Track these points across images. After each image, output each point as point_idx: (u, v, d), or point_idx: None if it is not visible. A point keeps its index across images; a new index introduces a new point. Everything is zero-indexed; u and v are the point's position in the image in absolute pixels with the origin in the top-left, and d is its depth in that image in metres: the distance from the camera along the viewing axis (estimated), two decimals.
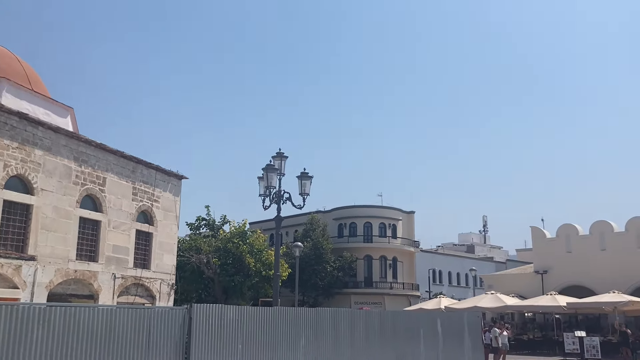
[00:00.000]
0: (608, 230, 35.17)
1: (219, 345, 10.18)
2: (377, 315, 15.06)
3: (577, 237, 36.46)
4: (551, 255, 37.09)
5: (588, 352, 24.99)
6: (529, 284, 37.45)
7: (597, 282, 33.16)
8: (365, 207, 52.38)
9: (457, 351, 18.81)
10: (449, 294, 48.12)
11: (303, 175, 17.01)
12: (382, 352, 14.33)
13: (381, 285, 50.31)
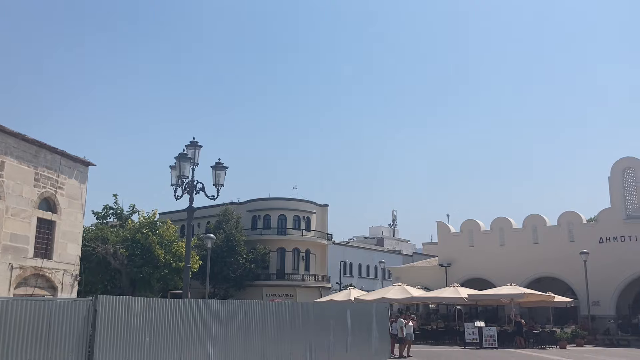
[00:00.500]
0: (507, 226, 37.37)
1: (125, 339, 9.86)
2: (288, 307, 15.16)
3: (479, 233, 38.46)
4: (455, 249, 38.91)
5: (486, 341, 26.47)
6: (433, 276, 39.10)
7: (496, 275, 35.18)
8: (280, 200, 52.45)
9: (365, 341, 19.34)
10: (359, 285, 49.27)
11: (217, 165, 16.75)
12: (293, 343, 14.47)
13: (293, 278, 50.62)
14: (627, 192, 33.21)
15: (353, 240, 73.13)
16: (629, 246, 32.21)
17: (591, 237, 33.45)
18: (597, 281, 31.59)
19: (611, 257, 32.33)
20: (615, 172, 33.67)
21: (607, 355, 22.90)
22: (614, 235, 32.89)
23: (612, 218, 33.27)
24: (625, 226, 32.60)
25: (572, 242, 34.02)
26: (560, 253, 34.06)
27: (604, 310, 32.06)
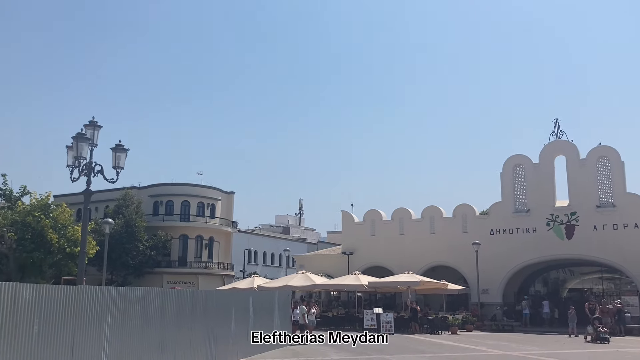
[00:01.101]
0: (407, 217, 38.81)
1: (11, 327, 9.25)
2: (189, 294, 14.90)
3: (381, 222, 39.68)
4: (358, 238, 39.91)
5: (384, 327, 27.44)
6: (337, 264, 39.89)
7: (395, 264, 36.48)
8: (184, 185, 51.26)
9: (267, 328, 19.41)
10: (263, 273, 49.34)
11: (118, 147, 16.07)
12: (193, 330, 14.25)
13: (196, 265, 49.79)
14: (516, 188, 35.52)
15: (259, 229, 73.05)
16: (517, 238, 34.52)
17: (483, 229, 35.50)
18: (487, 270, 33.63)
19: (500, 248, 34.51)
20: (507, 169, 35.89)
21: (493, 340, 24.48)
22: (504, 228, 35.11)
23: (502, 211, 35.47)
24: (513, 219, 34.89)
25: (465, 233, 35.93)
26: (455, 243, 35.89)
27: (493, 297, 34.20)
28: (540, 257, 34.05)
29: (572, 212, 33.08)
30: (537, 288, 41.89)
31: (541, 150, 35.01)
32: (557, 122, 35.14)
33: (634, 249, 29.82)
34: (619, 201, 32.07)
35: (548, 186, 34.40)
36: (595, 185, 32.97)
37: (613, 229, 31.90)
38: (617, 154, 32.91)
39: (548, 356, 18.12)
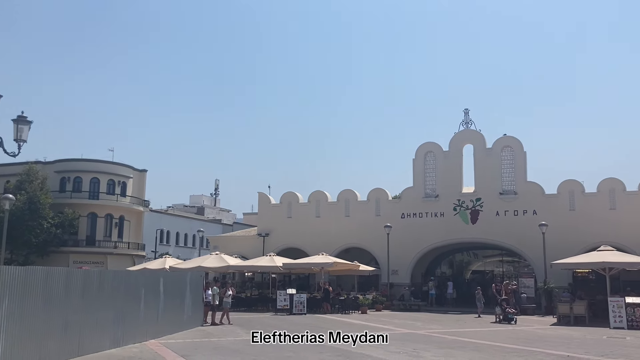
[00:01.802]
0: (323, 199, 39.35)
1: None
2: (96, 274, 14.42)
3: (298, 204, 39.99)
4: (274, 219, 40.03)
5: (296, 307, 27.80)
6: (251, 245, 39.88)
7: (310, 245, 36.96)
8: (94, 162, 49.16)
9: (178, 309, 19.19)
10: (175, 254, 48.45)
11: (20, 119, 15.08)
12: (100, 310, 13.83)
13: (105, 245, 48.11)
14: (427, 174, 36.87)
15: (172, 208, 71.45)
16: (426, 222, 35.93)
17: (395, 213, 36.66)
18: (397, 252, 34.84)
19: (410, 231, 35.79)
20: (419, 156, 37.15)
21: (400, 319, 25.49)
22: (414, 212, 36.42)
23: (413, 196, 36.75)
24: (423, 204, 36.25)
25: (378, 217, 36.95)
26: (368, 226, 36.85)
27: (402, 278, 35.51)
28: (446, 240, 35.66)
29: (477, 198, 34.83)
30: (443, 270, 43.90)
31: (451, 139, 36.51)
32: (467, 112, 36.76)
33: (531, 234, 31.86)
34: (520, 189, 34.10)
35: (456, 173, 35.97)
36: (499, 173, 34.85)
37: (514, 215, 33.91)
38: (520, 145, 34.90)
39: (451, 334, 19.10)
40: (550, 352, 14.60)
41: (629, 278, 29.63)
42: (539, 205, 33.31)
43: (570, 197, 32.96)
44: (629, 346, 16.17)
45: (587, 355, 13.98)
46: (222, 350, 14.43)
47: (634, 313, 21.88)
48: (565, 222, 32.17)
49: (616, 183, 32.24)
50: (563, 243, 30.50)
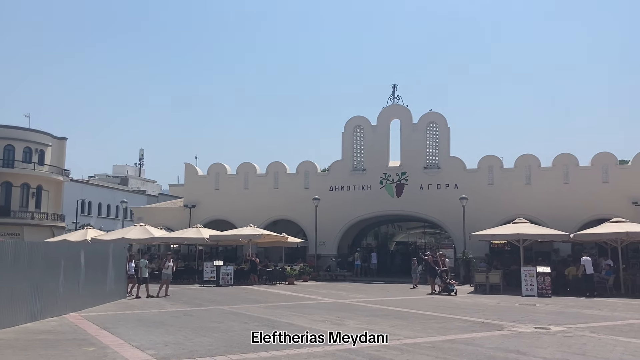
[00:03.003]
0: (252, 171, 39.10)
1: None
2: (11, 245, 13.76)
3: (226, 176, 39.56)
4: (201, 191, 39.45)
5: (223, 279, 27.75)
6: (178, 217, 39.21)
7: (238, 217, 36.77)
8: (8, 128, 46.44)
9: (100, 281, 18.71)
10: (98, 225, 46.94)
11: None
12: (15, 283, 13.26)
13: (21, 215, 45.87)
14: (355, 147, 37.40)
15: (94, 178, 68.93)
16: (353, 195, 36.54)
17: (323, 185, 37.03)
18: (325, 224, 35.32)
19: (338, 203, 36.32)
20: (348, 129, 37.55)
21: (326, 289, 25.99)
22: (342, 185, 36.91)
23: (341, 169, 37.21)
24: (351, 177, 36.80)
25: (307, 189, 37.22)
26: (296, 198, 37.06)
27: (329, 250, 36.10)
28: (373, 212, 36.46)
29: (402, 172, 35.73)
30: (368, 241, 44.97)
31: (379, 114, 37.10)
32: (395, 87, 37.41)
33: (452, 207, 33.13)
34: (443, 163, 35.26)
35: (383, 147, 36.68)
36: (424, 148, 35.84)
37: (437, 188, 35.09)
38: (444, 120, 35.97)
39: (374, 303, 19.70)
40: (467, 318, 15.37)
41: (541, 249, 31.58)
42: (460, 179, 34.61)
43: (490, 172, 34.45)
44: (538, 312, 17.26)
45: (500, 321, 14.81)
46: (145, 322, 14.23)
47: (543, 281, 23.33)
48: (484, 195, 33.65)
49: (532, 159, 33.96)
50: (482, 216, 31.95)
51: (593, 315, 16.40)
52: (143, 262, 22.33)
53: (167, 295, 21.40)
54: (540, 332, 12.85)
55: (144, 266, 22.09)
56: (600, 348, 10.67)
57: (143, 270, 21.97)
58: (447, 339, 11.68)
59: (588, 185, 32.50)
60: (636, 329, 13.61)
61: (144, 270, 21.98)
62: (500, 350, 10.37)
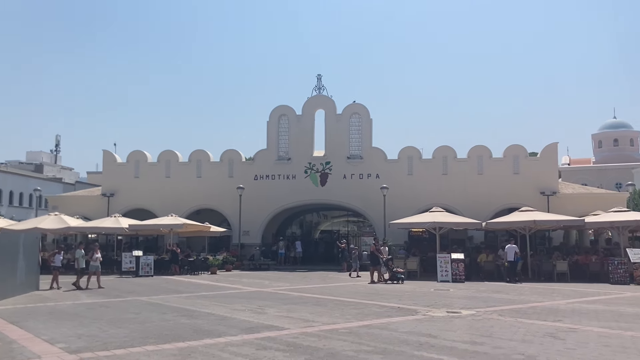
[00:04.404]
0: (174, 159, 38.30)
1: None
2: None
3: (146, 164, 38.51)
4: (120, 179, 38.21)
5: (142, 269, 27.13)
6: (96, 206, 37.80)
7: (159, 206, 35.97)
8: None
9: (9, 273, 17.83)
10: (9, 214, 44.64)
11: None
12: None
13: None
14: (280, 137, 37.44)
15: (5, 165, 65.16)
16: (278, 184, 36.61)
17: (248, 174, 36.85)
18: (249, 213, 35.22)
19: (263, 193, 36.28)
20: (273, 118, 37.52)
21: (249, 278, 26.02)
22: (267, 174, 36.89)
23: (266, 158, 37.16)
24: (276, 166, 36.84)
25: (231, 178, 36.90)
26: (220, 187, 36.69)
27: (253, 239, 36.04)
28: (297, 201, 36.71)
29: (326, 161, 36.17)
30: (293, 230, 45.28)
31: (304, 103, 37.30)
32: (320, 77, 37.72)
33: (373, 197, 33.93)
34: (366, 154, 36.00)
35: (308, 137, 36.95)
36: (347, 138, 36.43)
37: (359, 178, 35.79)
38: (367, 112, 36.67)
39: (296, 291, 19.92)
40: (384, 304, 15.88)
41: (456, 236, 32.98)
42: (381, 169, 35.48)
43: (409, 162, 35.53)
44: (451, 297, 18.09)
45: (415, 306, 15.41)
46: (58, 315, 13.74)
47: (457, 267, 24.45)
48: (404, 185, 34.70)
49: (448, 151, 35.31)
50: (401, 204, 32.95)
51: (501, 299, 17.37)
52: (79, 253, 21.27)
53: (100, 287, 20.63)
54: (452, 316, 13.48)
55: (80, 257, 21.04)
56: (505, 330, 11.34)
57: (80, 261, 20.96)
58: (364, 324, 12.05)
59: (500, 176, 34.22)
60: (539, 311, 14.55)
61: (80, 261, 20.96)
62: (413, 334, 10.81)
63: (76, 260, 21.10)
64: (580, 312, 14.28)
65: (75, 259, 21.08)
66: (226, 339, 10.28)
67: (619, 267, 23.17)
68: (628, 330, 11.23)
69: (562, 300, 17.10)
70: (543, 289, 20.89)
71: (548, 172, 34.07)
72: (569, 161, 68.18)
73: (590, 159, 69.20)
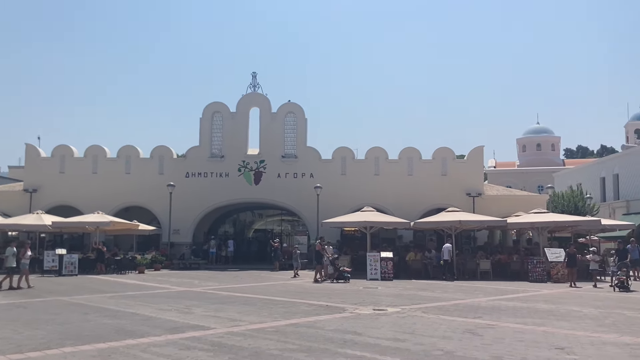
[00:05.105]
0: (101, 155, 37.04)
1: None
2: None
3: (72, 159, 37.05)
4: (44, 174, 36.55)
5: (66, 268, 26.12)
6: (16, 202, 35.97)
7: (86, 203, 34.65)
8: None
9: None
10: None
11: None
12: None
13: None
14: (214, 134, 36.96)
15: None
16: (210, 182, 36.12)
17: (179, 171, 36.15)
18: (180, 212, 34.56)
19: (195, 190, 35.69)
20: (206, 115, 36.99)
21: (177, 277, 25.53)
22: (199, 171, 36.32)
23: (199, 155, 36.57)
24: (208, 164, 36.33)
25: (161, 175, 36.09)
26: (150, 184, 35.79)
27: (183, 237, 35.38)
28: (230, 200, 36.37)
29: (261, 160, 36.03)
30: (226, 229, 44.80)
31: (238, 101, 36.98)
32: (255, 75, 37.54)
33: (307, 196, 34.11)
34: (300, 153, 36.13)
35: (242, 135, 36.68)
36: (282, 137, 36.44)
37: (293, 177, 35.88)
38: (302, 111, 36.81)
39: (226, 290, 19.72)
40: (313, 302, 16.00)
41: (387, 235, 33.70)
42: (315, 169, 35.72)
43: (343, 162, 35.97)
44: (379, 295, 18.44)
45: (344, 304, 15.62)
46: None
47: (386, 266, 24.96)
48: (337, 185, 35.08)
49: (380, 152, 36.01)
50: (335, 204, 33.30)
51: (426, 297, 17.89)
52: (10, 251, 19.90)
53: (29, 287, 19.60)
54: (378, 313, 13.76)
55: (10, 255, 19.73)
56: (428, 327, 11.69)
57: (9, 260, 19.70)
58: (291, 323, 12.10)
59: (429, 177, 35.23)
60: (461, 308, 15.09)
61: (10, 260, 19.69)
62: (339, 332, 10.95)
63: (6, 259, 19.93)
64: (500, 309, 14.91)
65: (5, 257, 19.86)
66: (149, 339, 10.07)
67: (537, 266, 24.35)
68: (541, 326, 11.83)
69: (483, 297, 17.80)
70: (467, 287, 21.65)
71: (474, 174, 35.37)
72: (495, 164, 70.91)
73: (515, 163, 72.25)
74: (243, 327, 11.45)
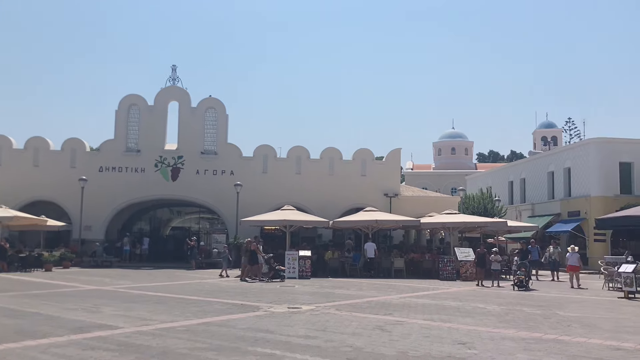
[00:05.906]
0: (7, 146, 34.98)
1: None
2: None
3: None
4: None
5: None
6: None
7: None
8: None
9: None
10: None
11: None
12: None
13: None
14: (130, 127, 35.77)
15: None
16: (125, 176, 34.95)
17: (92, 165, 34.75)
18: (93, 207, 33.20)
19: (109, 185, 34.42)
20: (122, 107, 35.75)
21: (88, 276, 24.52)
22: (114, 166, 35.06)
23: (114, 149, 35.29)
24: (124, 158, 35.14)
25: (73, 169, 34.55)
26: (60, 178, 34.19)
27: (95, 234, 34.01)
28: (146, 196, 35.36)
29: (179, 155, 35.27)
30: (141, 226, 43.44)
31: (157, 94, 35.99)
32: (175, 68, 36.71)
33: (227, 193, 33.75)
34: (221, 150, 35.68)
35: (160, 129, 35.75)
36: (202, 133, 35.83)
37: (213, 174, 35.37)
38: (223, 107, 36.36)
39: (138, 289, 19.12)
40: (228, 301, 15.85)
41: (307, 234, 33.92)
42: (236, 166, 35.39)
43: (264, 160, 35.87)
44: (296, 293, 18.54)
45: (259, 302, 15.57)
46: None
47: (304, 264, 25.13)
48: (258, 183, 34.95)
49: (302, 151, 36.23)
50: (255, 202, 33.16)
51: (341, 295, 18.16)
52: None
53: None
54: (292, 311, 13.83)
55: None
56: (339, 324, 11.87)
57: None
58: (203, 322, 11.92)
59: (349, 178, 35.82)
60: (373, 305, 15.45)
61: None
62: (251, 330, 10.91)
63: None
64: (410, 306, 15.40)
65: None
66: (50, 339, 9.62)
67: (447, 265, 25.34)
68: (447, 322, 12.32)
69: (395, 295, 18.32)
70: (380, 284, 22.19)
71: (391, 175, 36.33)
72: (412, 166, 73.14)
73: (431, 165, 74.83)
74: (153, 327, 11.16)
